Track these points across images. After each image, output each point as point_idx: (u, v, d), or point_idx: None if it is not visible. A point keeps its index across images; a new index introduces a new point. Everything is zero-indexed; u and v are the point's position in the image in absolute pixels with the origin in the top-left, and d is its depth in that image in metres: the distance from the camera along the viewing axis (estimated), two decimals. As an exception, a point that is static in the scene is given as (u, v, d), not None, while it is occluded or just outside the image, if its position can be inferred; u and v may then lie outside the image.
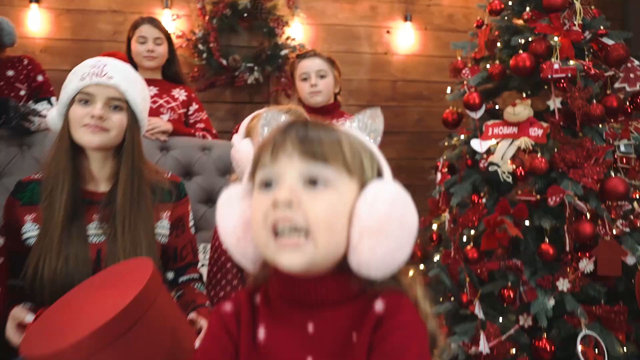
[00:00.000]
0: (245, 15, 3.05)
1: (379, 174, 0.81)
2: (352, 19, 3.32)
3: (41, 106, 2.21)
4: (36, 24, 2.90)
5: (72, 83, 1.42)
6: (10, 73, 2.23)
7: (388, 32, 3.38)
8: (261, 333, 0.81)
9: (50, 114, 1.59)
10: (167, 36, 2.56)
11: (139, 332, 1.10)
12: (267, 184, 0.77)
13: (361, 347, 0.76)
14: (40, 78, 2.30)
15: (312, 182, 0.75)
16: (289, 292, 0.80)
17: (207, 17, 3.01)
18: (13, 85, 2.21)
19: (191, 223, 1.60)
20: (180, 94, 2.56)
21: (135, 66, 2.45)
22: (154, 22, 2.55)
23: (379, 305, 0.77)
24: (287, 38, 3.12)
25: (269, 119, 0.88)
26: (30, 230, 1.43)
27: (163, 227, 1.51)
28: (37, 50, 2.90)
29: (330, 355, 0.78)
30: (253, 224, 0.78)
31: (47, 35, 2.94)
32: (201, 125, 2.57)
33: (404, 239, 0.76)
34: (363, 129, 0.84)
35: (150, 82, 2.17)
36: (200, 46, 3.00)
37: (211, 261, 1.63)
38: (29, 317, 1.28)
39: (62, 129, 1.43)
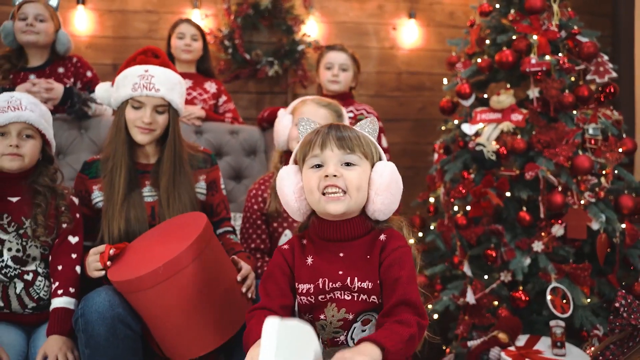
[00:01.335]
0: (266, 14, 3.34)
1: (380, 158, 1.30)
2: (362, 17, 3.56)
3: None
4: (82, 23, 3.22)
5: (125, 89, 1.76)
6: (60, 70, 2.54)
7: (394, 28, 3.59)
8: (309, 260, 1.28)
9: (99, 91, 1.91)
10: (202, 34, 2.90)
11: (199, 264, 1.46)
12: (318, 165, 1.25)
13: (373, 262, 1.23)
14: (89, 74, 2.61)
15: (347, 164, 1.24)
16: (327, 233, 1.27)
17: (232, 16, 3.29)
18: (62, 80, 2.51)
19: (222, 186, 1.96)
20: (211, 86, 2.89)
21: (173, 60, 2.81)
22: (191, 22, 2.91)
23: (382, 237, 1.26)
24: (303, 35, 3.38)
25: (304, 126, 1.33)
26: (98, 197, 1.81)
27: (201, 188, 1.88)
28: (83, 46, 3.23)
29: (354, 268, 1.24)
30: (309, 189, 1.25)
31: (92, 33, 3.26)
32: (229, 114, 2.90)
33: (397, 195, 1.27)
34: (366, 129, 1.31)
35: (185, 75, 2.51)
36: (226, 42, 3.30)
37: (244, 219, 2.00)
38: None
39: (118, 121, 1.79)
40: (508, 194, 2.35)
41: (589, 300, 2.20)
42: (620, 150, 2.30)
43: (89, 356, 1.45)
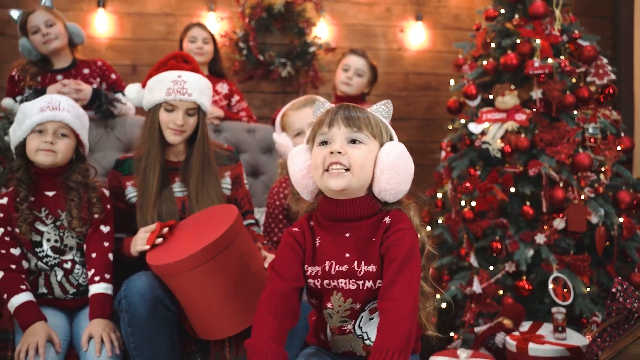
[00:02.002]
0: (279, 17, 3.46)
1: (391, 139, 1.30)
2: (370, 20, 3.67)
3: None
4: (102, 26, 3.35)
5: (159, 93, 1.88)
6: (85, 71, 2.67)
7: (401, 30, 3.70)
8: (317, 242, 1.29)
9: (131, 93, 2.04)
10: (213, 38, 3.03)
11: (230, 251, 1.59)
12: (324, 142, 1.26)
13: (376, 244, 1.23)
14: (113, 76, 2.73)
15: (353, 141, 1.24)
16: (334, 211, 1.26)
17: (246, 19, 3.42)
18: (88, 80, 2.64)
19: (245, 181, 2.09)
20: (223, 87, 3.01)
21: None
22: (202, 26, 3.04)
23: (387, 219, 1.25)
24: (314, 37, 3.51)
25: (319, 106, 1.36)
26: (132, 192, 1.93)
27: (226, 183, 2.01)
28: (103, 48, 3.35)
29: (359, 250, 1.25)
30: (314, 164, 1.26)
31: (112, 35, 3.38)
32: (243, 113, 3.02)
33: (406, 176, 1.25)
34: (380, 112, 1.32)
35: (198, 76, 2.63)
36: (240, 44, 3.43)
37: (267, 214, 2.14)
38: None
39: (152, 123, 1.90)
40: (512, 189, 2.46)
41: (588, 289, 2.30)
42: (618, 148, 2.41)
43: (130, 334, 1.58)
